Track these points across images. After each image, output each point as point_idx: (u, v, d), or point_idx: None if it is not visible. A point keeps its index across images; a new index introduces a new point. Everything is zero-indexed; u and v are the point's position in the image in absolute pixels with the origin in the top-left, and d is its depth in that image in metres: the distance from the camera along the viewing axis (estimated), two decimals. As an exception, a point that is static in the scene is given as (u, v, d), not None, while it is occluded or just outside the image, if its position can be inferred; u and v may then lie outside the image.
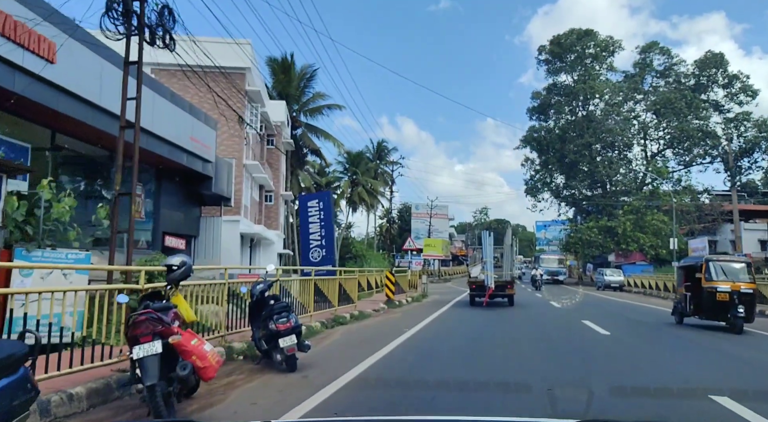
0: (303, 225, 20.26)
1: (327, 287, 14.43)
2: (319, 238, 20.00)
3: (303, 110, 39.41)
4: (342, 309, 14.60)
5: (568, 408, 5.55)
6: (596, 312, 19.00)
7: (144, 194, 16.85)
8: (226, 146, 23.77)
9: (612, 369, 8.05)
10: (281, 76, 36.70)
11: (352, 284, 21.89)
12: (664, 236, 50.18)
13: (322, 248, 19.93)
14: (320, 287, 14.31)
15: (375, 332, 12.26)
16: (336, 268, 19.55)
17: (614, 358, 9.12)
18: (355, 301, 15.98)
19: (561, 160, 56.09)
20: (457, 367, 8.02)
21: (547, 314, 17.80)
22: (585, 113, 56.14)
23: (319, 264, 19.52)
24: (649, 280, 37.36)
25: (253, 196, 28.02)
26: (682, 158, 55.86)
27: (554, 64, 57.54)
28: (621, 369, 8.09)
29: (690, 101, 50.89)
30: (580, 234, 52.42)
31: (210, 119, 19.04)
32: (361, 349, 9.34)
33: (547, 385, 6.34)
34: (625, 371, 7.98)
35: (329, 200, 20.08)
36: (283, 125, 33.08)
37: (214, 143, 19.16)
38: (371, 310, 16.77)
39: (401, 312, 17.30)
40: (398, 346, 9.65)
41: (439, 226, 74.52)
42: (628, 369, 8.18)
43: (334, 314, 13.55)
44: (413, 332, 11.96)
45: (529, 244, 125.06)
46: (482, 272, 20.57)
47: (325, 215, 20.02)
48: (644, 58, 56.87)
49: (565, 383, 6.74)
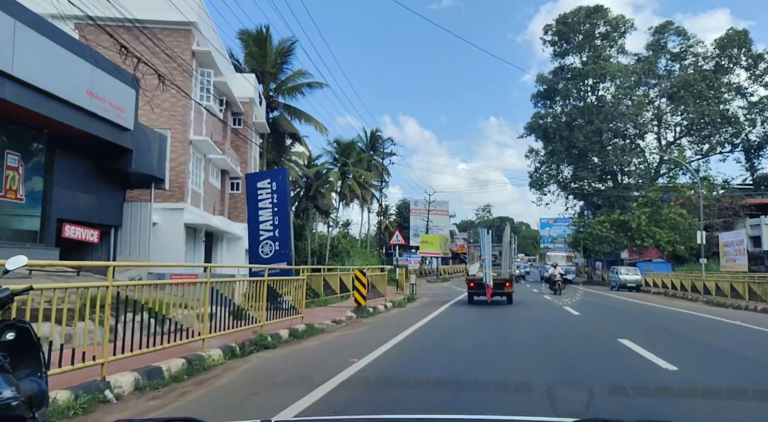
0: (251, 212, 15.99)
1: (256, 292, 10.22)
2: (271, 228, 15.73)
3: (281, 90, 35.12)
4: (274, 325, 10.37)
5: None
6: (631, 324, 14.68)
7: (22, 168, 12.59)
8: (168, 117, 19.52)
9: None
10: (254, 50, 32.38)
11: (317, 286, 17.68)
12: (682, 231, 45.86)
13: (275, 241, 15.66)
14: (253, 292, 10.20)
15: (304, 363, 8.03)
16: (293, 266, 15.41)
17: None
18: (300, 311, 11.71)
19: (569, 149, 51.66)
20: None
21: (563, 326, 13.48)
22: (595, 97, 51.71)
23: (270, 261, 15.31)
24: (672, 279, 32.98)
25: (211, 181, 23.76)
26: (700, 146, 51.41)
27: (560, 45, 53.08)
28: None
29: (711, 82, 46.38)
30: (590, 229, 48.03)
31: (125, 74, 14.79)
32: (241, 408, 5.13)
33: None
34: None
35: (285, 180, 15.80)
36: (253, 102, 28.81)
37: (134, 105, 14.91)
38: (329, 322, 12.52)
39: (369, 325, 13.02)
40: (312, 405, 5.36)
41: (439, 222, 70.38)
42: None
43: (258, 334, 9.29)
44: (365, 363, 7.70)
45: (533, 242, 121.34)
46: (480, 270, 19.80)
47: (279, 199, 15.74)
48: (658, 40, 52.31)
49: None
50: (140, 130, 15.48)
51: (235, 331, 8.90)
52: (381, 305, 16.96)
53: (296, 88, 34.73)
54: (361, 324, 13.26)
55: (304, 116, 35.37)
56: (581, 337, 11.06)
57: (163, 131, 17.05)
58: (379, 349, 8.90)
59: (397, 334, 11.05)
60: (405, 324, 12.82)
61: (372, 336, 11.08)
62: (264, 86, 34.63)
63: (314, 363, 7.97)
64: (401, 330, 11.75)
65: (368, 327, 12.54)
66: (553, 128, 52.12)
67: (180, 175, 19.54)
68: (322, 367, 7.41)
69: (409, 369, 7.63)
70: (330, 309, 15.48)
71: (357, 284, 14.93)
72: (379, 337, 10.57)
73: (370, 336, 10.97)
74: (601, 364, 7.97)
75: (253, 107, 29.32)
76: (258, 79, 33.62)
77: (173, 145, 19.52)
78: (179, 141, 19.58)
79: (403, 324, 13.06)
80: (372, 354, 8.42)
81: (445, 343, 10.27)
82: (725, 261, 32.33)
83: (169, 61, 18.19)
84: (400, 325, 12.76)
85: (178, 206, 19.34)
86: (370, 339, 10.55)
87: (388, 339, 10.14)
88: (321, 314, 13.73)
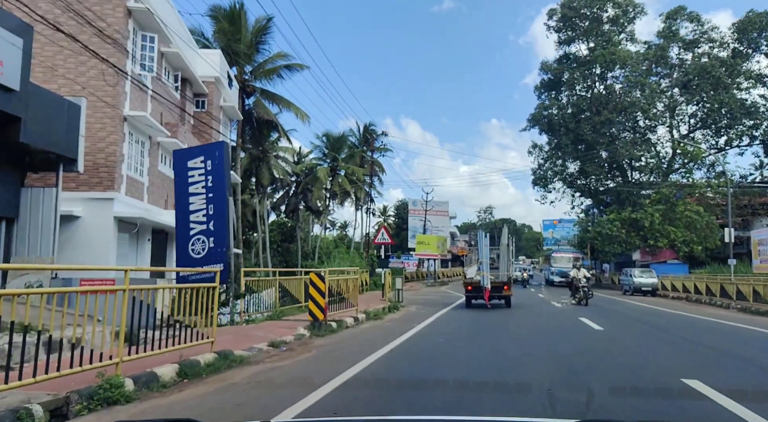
0: (179, 199, 12.46)
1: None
2: (204, 219, 12.21)
3: (258, 73, 31.63)
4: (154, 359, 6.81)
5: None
6: (679, 345, 11.10)
7: None
8: (96, 87, 16.01)
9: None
10: (226, 26, 28.88)
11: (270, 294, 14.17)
12: (698, 230, 42.25)
13: (209, 237, 12.13)
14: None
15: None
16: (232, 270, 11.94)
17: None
18: (210, 335, 8.17)
19: (575, 142, 48.10)
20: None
21: (592, 353, 9.90)
22: (603, 87, 48.17)
23: (203, 262, 11.84)
24: (694, 282, 29.33)
25: (162, 170, 20.24)
26: (716, 139, 47.78)
27: (566, 32, 49.56)
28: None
29: (730, 69, 42.77)
30: (599, 228, 44.44)
31: (9, 18, 11.31)
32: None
33: None
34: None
35: (222, 157, 12.25)
36: (219, 83, 25.33)
37: (19, 59, 11.38)
38: (261, 347, 9.01)
39: (319, 350, 9.45)
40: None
41: (439, 223, 66.90)
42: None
43: (104, 379, 5.73)
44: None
45: (535, 244, 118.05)
46: (478, 273, 19.48)
47: (215, 182, 12.22)
48: (670, 26, 48.66)
49: None
50: (33, 93, 11.96)
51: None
52: (350, 317, 13.39)
53: (274, 70, 31.21)
54: (310, 347, 9.70)
55: (283, 102, 31.83)
56: (630, 377, 7.38)
57: (75, 99, 13.50)
58: (295, 407, 5.33)
59: (349, 367, 7.53)
60: (369, 348, 9.27)
61: (311, 370, 7.56)
62: (238, 69, 31.16)
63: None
64: (359, 358, 8.22)
65: (315, 354, 8.97)
66: (558, 120, 48.60)
67: (110, 157, 16.01)
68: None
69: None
70: (280, 325, 11.94)
71: (312, 291, 11.35)
72: (321, 372, 7.06)
73: (305, 372, 7.43)
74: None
75: (220, 89, 25.84)
76: (231, 60, 30.19)
77: (102, 121, 16.02)
78: (109, 117, 16.06)
79: (368, 347, 9.51)
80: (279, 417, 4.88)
81: (414, 391, 6.69)
82: (759, 262, 28.68)
83: (89, 17, 14.73)
84: (363, 350, 9.23)
85: (107, 196, 15.81)
86: (301, 377, 7.01)
87: (329, 378, 6.61)
88: (257, 334, 10.19)
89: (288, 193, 56.46)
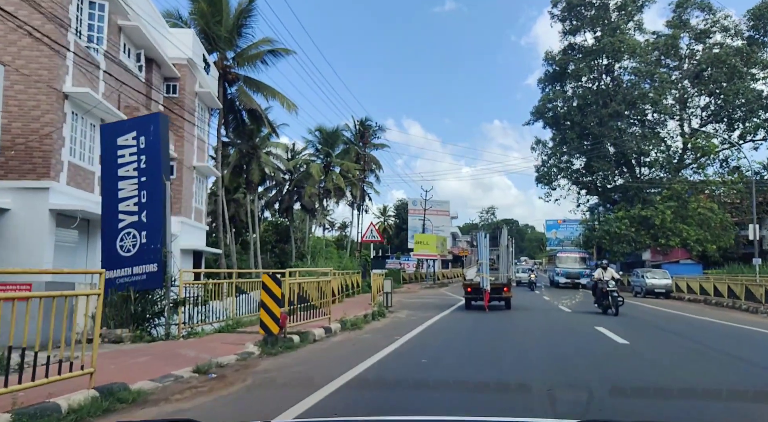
0: (107, 183, 10.18)
1: None
2: (135, 209, 9.92)
3: (240, 59, 29.39)
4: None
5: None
6: (740, 373, 8.77)
7: None
8: (27, 58, 13.75)
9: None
10: (204, 7, 26.62)
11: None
12: (712, 229, 39.86)
13: (141, 231, 9.84)
14: None
15: None
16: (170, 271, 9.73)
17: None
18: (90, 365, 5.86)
19: (581, 137, 45.71)
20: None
21: (629, 387, 7.58)
22: (610, 78, 45.80)
23: (133, 262, 9.55)
24: (714, 284, 26.95)
25: (120, 159, 17.93)
26: (729, 132, 45.30)
27: (571, 21, 47.17)
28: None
29: (746, 57, 40.34)
30: (607, 226, 42.02)
31: None
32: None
33: None
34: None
35: (159, 133, 9.94)
36: (193, 66, 23.07)
37: None
38: (182, 374, 6.74)
39: (258, 377, 7.11)
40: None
41: (439, 223, 64.78)
42: None
43: None
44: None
45: (538, 244, 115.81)
46: (478, 275, 18.75)
47: (150, 163, 9.93)
48: (680, 15, 46.25)
49: None
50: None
51: None
52: (320, 328, 11.09)
53: (258, 55, 28.95)
54: (251, 371, 7.39)
55: (268, 90, 29.56)
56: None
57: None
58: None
59: (286, 407, 5.25)
60: (325, 374, 6.95)
61: (224, 415, 5.25)
62: (219, 54, 28.97)
63: None
64: (302, 394, 5.90)
65: (249, 384, 6.65)
66: (563, 113, 46.22)
67: (45, 141, 13.74)
68: None
69: None
70: (228, 339, 9.66)
71: (265, 297, 9.04)
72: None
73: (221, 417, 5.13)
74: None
75: (194, 73, 23.57)
76: (211, 46, 27.99)
77: (35, 97, 13.76)
78: (44, 93, 13.79)
79: (325, 371, 7.21)
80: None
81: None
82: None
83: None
84: (316, 375, 6.94)
85: (40, 185, 13.54)
86: None
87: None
88: (186, 354, 7.92)
89: (281, 191, 54.22)
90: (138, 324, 9.57)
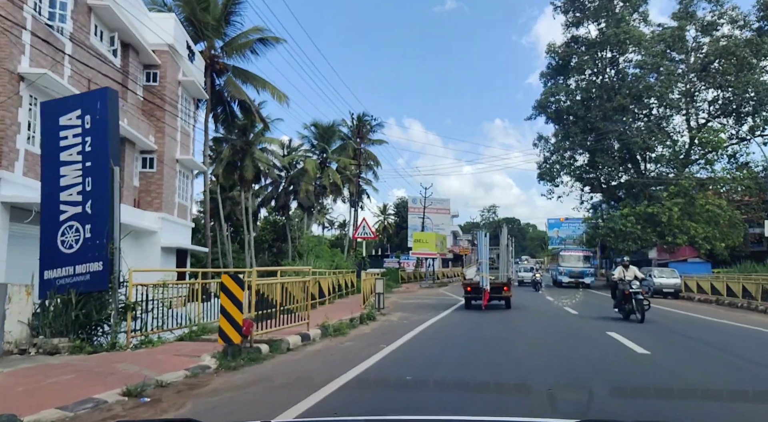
0: (47, 168, 8.86)
1: None
2: (79, 198, 8.61)
3: (229, 49, 28.07)
4: None
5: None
6: None
7: None
8: None
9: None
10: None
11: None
12: (720, 226, 38.46)
13: (84, 224, 8.52)
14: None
15: None
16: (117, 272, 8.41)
17: None
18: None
19: (584, 132, 44.32)
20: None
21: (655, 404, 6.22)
22: (614, 71, 44.42)
23: (75, 260, 8.23)
24: (726, 283, 25.61)
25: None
26: (737, 127, 43.88)
27: (574, 12, 45.77)
28: None
29: (757, 48, 38.90)
30: (611, 224, 40.59)
31: None
32: None
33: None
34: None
35: (106, 111, 8.62)
36: (174, 52, 21.76)
37: None
38: (105, 398, 5.43)
39: (203, 400, 5.79)
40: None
41: (439, 221, 63.48)
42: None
43: None
44: None
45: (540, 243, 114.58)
46: (478, 274, 18.47)
47: (96, 146, 8.61)
48: (686, 6, 44.83)
49: None
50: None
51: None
52: (294, 336, 9.75)
53: (247, 44, 27.62)
54: (197, 393, 6.07)
55: (258, 81, 28.24)
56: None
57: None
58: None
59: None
60: (283, 399, 5.63)
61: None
62: (207, 43, 27.66)
63: None
64: None
65: (187, 410, 5.34)
66: (566, 107, 44.84)
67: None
68: None
69: None
70: (184, 350, 8.35)
71: (225, 301, 7.71)
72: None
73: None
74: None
75: (177, 61, 22.27)
76: (198, 34, 26.66)
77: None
78: None
79: (284, 395, 5.89)
80: None
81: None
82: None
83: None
84: (274, 401, 5.63)
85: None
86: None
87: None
88: (124, 370, 6.60)
89: (277, 188, 52.93)
90: (80, 332, 8.26)
